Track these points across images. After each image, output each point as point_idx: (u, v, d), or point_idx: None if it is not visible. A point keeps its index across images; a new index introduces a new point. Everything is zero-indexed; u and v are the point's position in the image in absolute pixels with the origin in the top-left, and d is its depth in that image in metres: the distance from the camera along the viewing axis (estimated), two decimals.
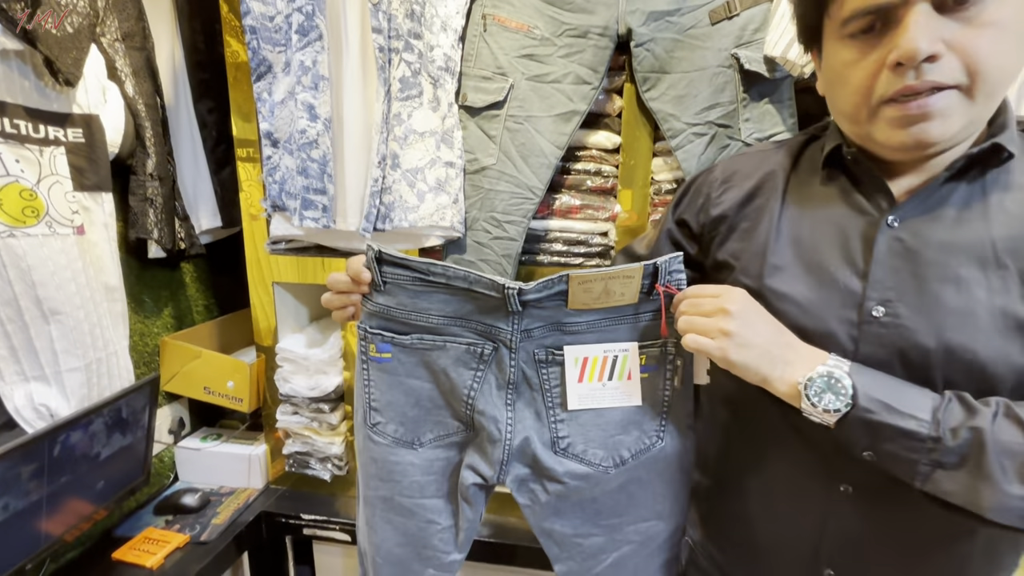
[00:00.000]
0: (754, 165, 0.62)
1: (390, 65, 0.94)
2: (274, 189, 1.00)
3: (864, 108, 0.48)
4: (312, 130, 0.92)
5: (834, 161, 0.56)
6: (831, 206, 0.55)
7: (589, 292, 0.58)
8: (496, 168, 0.94)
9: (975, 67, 0.44)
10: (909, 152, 0.49)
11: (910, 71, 0.44)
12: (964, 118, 0.46)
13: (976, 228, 0.48)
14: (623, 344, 0.62)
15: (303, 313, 1.28)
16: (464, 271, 0.60)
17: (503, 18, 0.90)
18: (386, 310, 0.63)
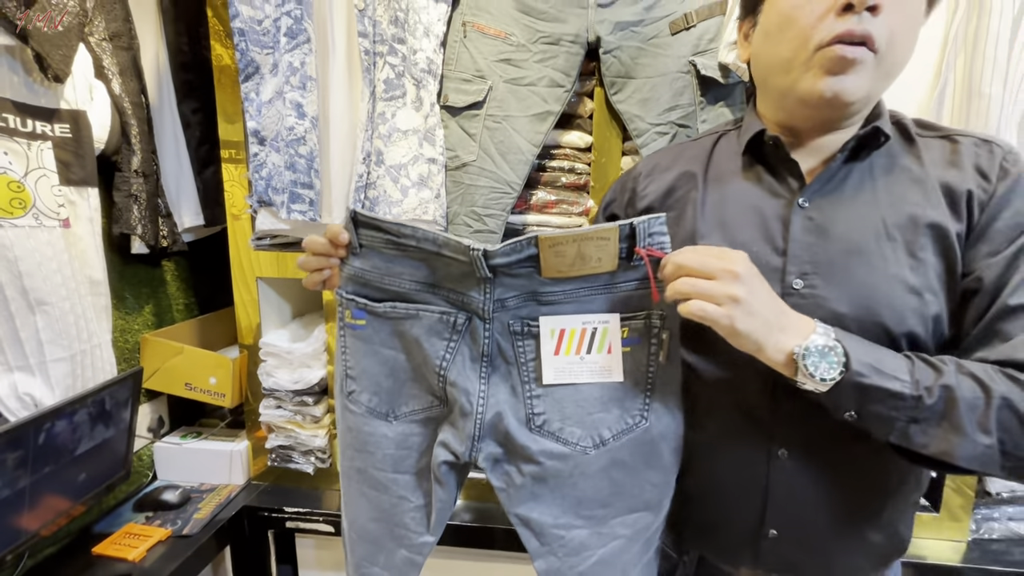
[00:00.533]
0: (672, 158, 0.68)
1: (375, 67, 0.99)
2: (260, 185, 1.03)
3: (803, 52, 0.54)
4: (300, 127, 0.96)
5: (753, 148, 0.62)
6: (750, 191, 0.61)
7: (562, 257, 0.55)
8: (476, 164, 1.00)
9: (893, 37, 0.52)
10: (822, 106, 0.55)
11: (854, 16, 0.50)
12: (870, 83, 0.53)
13: (869, 205, 0.56)
14: (603, 315, 0.58)
15: (286, 309, 1.30)
16: (433, 233, 0.57)
17: (482, 25, 0.97)
18: (361, 273, 0.62)
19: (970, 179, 0.55)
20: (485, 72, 0.97)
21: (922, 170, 0.57)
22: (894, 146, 0.58)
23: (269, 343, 1.18)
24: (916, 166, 0.57)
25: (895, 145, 0.58)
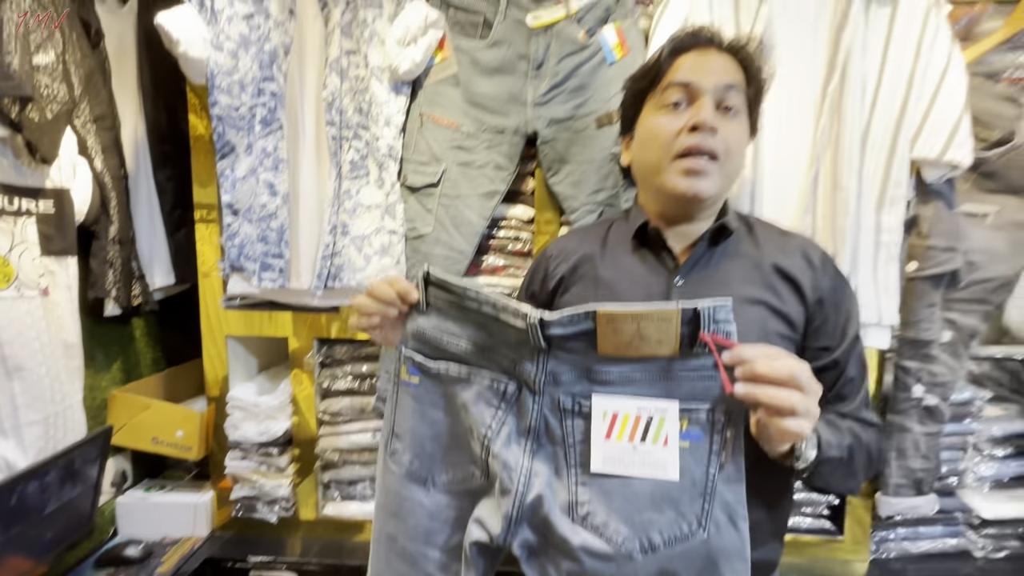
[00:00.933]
0: (577, 242, 0.81)
1: (341, 150, 1.12)
2: (233, 252, 1.13)
3: (665, 159, 0.70)
4: (272, 204, 1.07)
5: (639, 235, 0.75)
6: (638, 269, 0.74)
7: (619, 334, 0.53)
8: (432, 235, 1.13)
9: (729, 150, 0.69)
10: (683, 202, 0.71)
11: (700, 134, 0.68)
12: (716, 184, 0.70)
13: (725, 284, 0.71)
14: (661, 402, 0.54)
15: (252, 363, 1.37)
16: (494, 297, 0.58)
17: (436, 117, 1.12)
18: (423, 331, 0.63)
19: (801, 268, 0.72)
20: (439, 156, 1.11)
21: (758, 255, 0.72)
22: (741, 236, 0.74)
23: (236, 397, 1.24)
24: (754, 252, 0.73)
25: (741, 235, 0.75)
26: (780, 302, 0.70)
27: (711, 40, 0.73)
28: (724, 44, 0.73)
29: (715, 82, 0.69)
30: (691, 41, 0.73)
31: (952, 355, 1.11)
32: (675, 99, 0.71)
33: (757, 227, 0.77)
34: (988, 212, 1.08)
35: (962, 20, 1.07)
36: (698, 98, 0.70)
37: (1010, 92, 1.03)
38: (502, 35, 1.09)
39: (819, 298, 0.71)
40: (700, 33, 0.73)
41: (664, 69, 0.73)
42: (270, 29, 1.07)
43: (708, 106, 0.69)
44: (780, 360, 0.51)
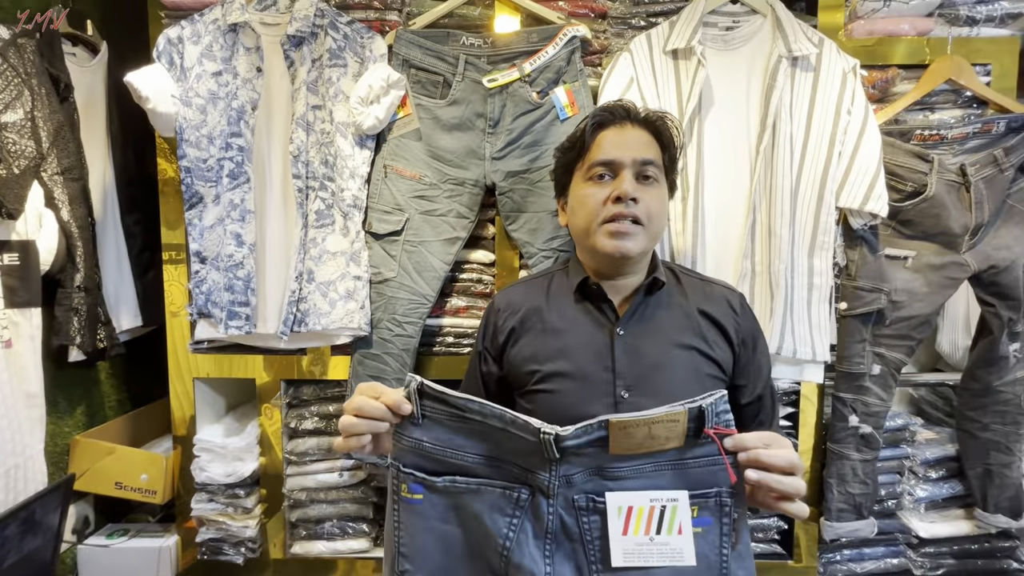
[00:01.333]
0: (521, 295, 0.86)
1: (307, 200, 1.16)
2: (201, 299, 1.16)
3: (594, 223, 0.78)
4: (239, 254, 1.11)
5: (581, 289, 0.82)
6: (582, 322, 0.80)
7: (631, 438, 0.56)
8: (396, 280, 1.17)
9: (651, 215, 0.77)
10: (613, 261, 0.78)
11: (623, 203, 0.76)
12: (641, 244, 0.78)
13: (660, 331, 0.79)
14: (671, 492, 0.57)
15: (220, 403, 1.38)
16: (500, 410, 0.57)
17: (400, 168, 1.17)
18: (420, 446, 0.61)
19: (725, 312, 0.81)
20: (403, 206, 1.17)
21: (687, 304, 0.82)
22: (670, 286, 0.83)
23: (203, 439, 1.25)
24: (683, 301, 0.82)
25: (671, 286, 0.83)
26: (709, 347, 0.79)
27: (627, 115, 0.81)
28: (639, 118, 0.82)
29: (633, 156, 0.78)
30: (609, 117, 0.81)
31: (882, 387, 1.20)
32: (600, 173, 0.80)
33: (682, 277, 0.86)
34: (908, 255, 1.18)
35: (877, 83, 1.18)
36: (619, 172, 0.78)
37: (920, 149, 1.14)
38: (461, 95, 1.16)
39: (742, 339, 0.81)
40: (617, 110, 0.82)
41: (588, 144, 0.81)
42: (238, 87, 1.12)
43: (629, 179, 0.77)
44: (779, 449, 0.56)
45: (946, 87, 1.19)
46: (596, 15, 1.21)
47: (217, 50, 1.13)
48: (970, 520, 1.31)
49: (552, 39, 1.14)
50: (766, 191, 1.13)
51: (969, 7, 1.17)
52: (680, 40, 1.12)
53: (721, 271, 1.16)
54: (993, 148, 1.15)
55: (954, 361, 1.49)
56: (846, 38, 1.19)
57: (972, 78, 1.16)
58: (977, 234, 1.15)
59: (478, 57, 1.16)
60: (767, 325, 1.12)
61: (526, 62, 1.14)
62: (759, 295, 1.15)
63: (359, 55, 1.17)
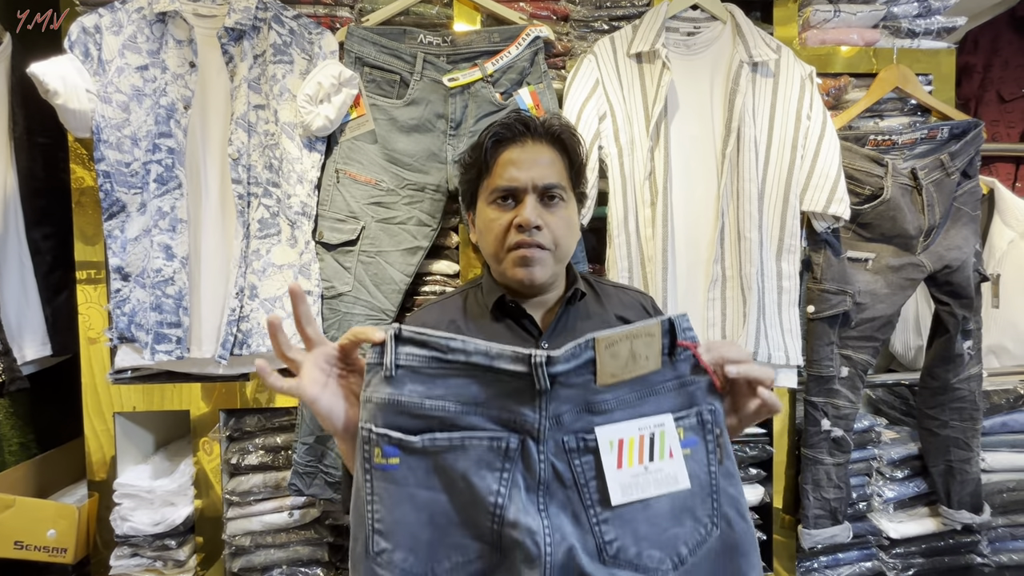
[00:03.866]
0: (436, 316, 0.80)
1: (249, 208, 1.05)
2: (123, 321, 1.01)
3: (500, 250, 0.74)
4: (168, 268, 0.98)
5: (499, 306, 0.77)
6: (504, 337, 0.75)
7: (616, 358, 0.54)
8: (351, 294, 1.07)
9: (557, 240, 0.73)
10: (524, 286, 0.74)
11: (526, 232, 0.71)
12: (550, 270, 0.74)
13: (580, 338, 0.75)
14: (656, 418, 0.56)
15: (147, 440, 1.22)
16: (485, 345, 0.53)
17: (353, 173, 1.08)
18: (394, 400, 0.54)
19: (640, 315, 0.80)
20: (358, 213, 1.08)
21: (605, 312, 0.79)
22: (589, 297, 0.81)
23: (126, 483, 1.09)
24: (601, 310, 0.80)
25: (589, 296, 0.81)
26: None
27: (527, 130, 0.76)
28: (540, 131, 0.77)
29: (535, 179, 0.73)
30: (507, 134, 0.75)
31: (851, 389, 1.21)
32: (502, 196, 0.74)
33: (597, 286, 0.83)
34: (868, 257, 1.20)
35: (831, 90, 1.21)
36: (523, 197, 0.73)
37: (876, 153, 1.17)
38: (419, 94, 1.09)
39: None
40: (514, 125, 0.76)
41: (490, 162, 0.75)
42: (167, 83, 1.00)
43: (531, 206, 0.72)
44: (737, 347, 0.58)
45: (893, 95, 1.24)
46: (558, 17, 1.18)
47: (142, 42, 1.01)
48: (935, 517, 1.33)
49: (515, 39, 1.10)
50: (733, 195, 1.13)
51: (909, 20, 1.23)
52: (644, 44, 1.11)
53: (692, 276, 1.14)
54: (939, 153, 1.19)
55: (907, 361, 1.54)
56: (800, 46, 1.22)
57: (917, 87, 1.21)
58: (930, 235, 1.19)
59: (437, 56, 1.10)
60: (741, 330, 1.10)
61: (488, 62, 1.09)
62: (731, 300, 1.13)
63: (307, 52, 1.08)
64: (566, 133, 0.78)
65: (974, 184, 1.22)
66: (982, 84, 1.56)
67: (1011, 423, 1.36)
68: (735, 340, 1.11)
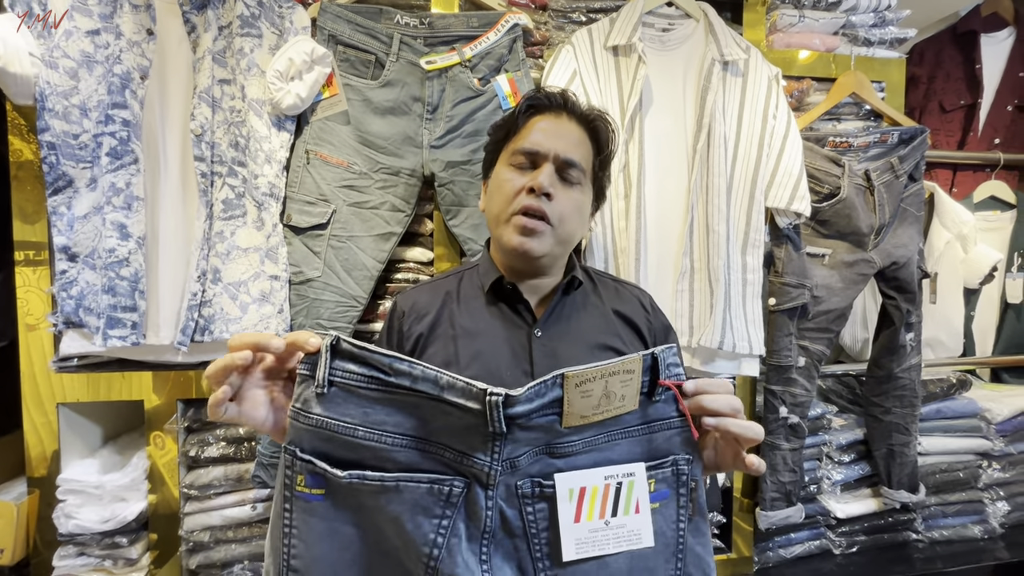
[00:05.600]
0: (428, 297, 0.78)
1: (213, 187, 1.00)
2: (69, 305, 0.94)
3: (505, 211, 0.72)
4: (123, 249, 0.92)
5: (495, 289, 0.75)
6: (496, 325, 0.74)
7: (588, 397, 0.48)
8: (321, 280, 1.04)
9: (563, 217, 0.72)
10: (517, 256, 0.72)
11: (535, 197, 0.70)
12: (549, 246, 0.72)
13: (577, 332, 0.75)
14: (627, 466, 0.50)
15: (95, 433, 1.15)
16: (434, 372, 0.47)
17: (325, 155, 1.05)
18: (326, 423, 0.47)
19: (638, 311, 0.79)
20: (328, 196, 1.04)
21: (602, 305, 0.79)
22: (587, 288, 0.80)
23: (71, 479, 1.02)
24: (599, 302, 0.79)
25: (587, 287, 0.80)
26: (626, 347, 0.76)
27: (564, 105, 0.75)
28: (577, 111, 0.76)
29: (559, 151, 0.72)
30: (546, 103, 0.75)
31: (807, 378, 1.27)
32: (521, 161, 0.73)
33: (596, 278, 0.83)
34: (825, 253, 1.26)
35: (794, 92, 1.26)
36: (541, 164, 0.72)
37: (834, 154, 1.24)
38: (395, 76, 1.06)
39: (655, 337, 0.80)
40: (555, 97, 0.75)
41: (519, 125, 0.75)
42: (121, 50, 0.93)
43: (547, 172, 0.71)
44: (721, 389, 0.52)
45: (850, 100, 1.30)
46: (536, 6, 1.18)
47: (93, 4, 0.94)
48: (877, 498, 1.42)
49: (494, 25, 1.09)
50: (703, 190, 1.16)
51: (866, 30, 1.30)
52: (621, 37, 1.12)
53: (662, 267, 1.17)
54: (889, 156, 1.27)
55: (854, 353, 1.64)
56: (768, 49, 1.27)
57: (871, 93, 1.28)
58: (880, 233, 1.26)
59: (414, 38, 1.08)
60: (708, 321, 1.14)
61: (467, 47, 1.08)
62: (699, 291, 1.16)
63: (276, 26, 1.03)
64: (601, 122, 0.77)
65: (919, 187, 1.31)
66: (926, 94, 1.67)
67: (944, 410, 1.47)
68: (701, 328, 1.15)
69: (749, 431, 0.50)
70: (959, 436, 1.48)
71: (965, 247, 1.61)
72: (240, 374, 0.49)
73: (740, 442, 0.51)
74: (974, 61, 1.63)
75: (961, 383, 1.48)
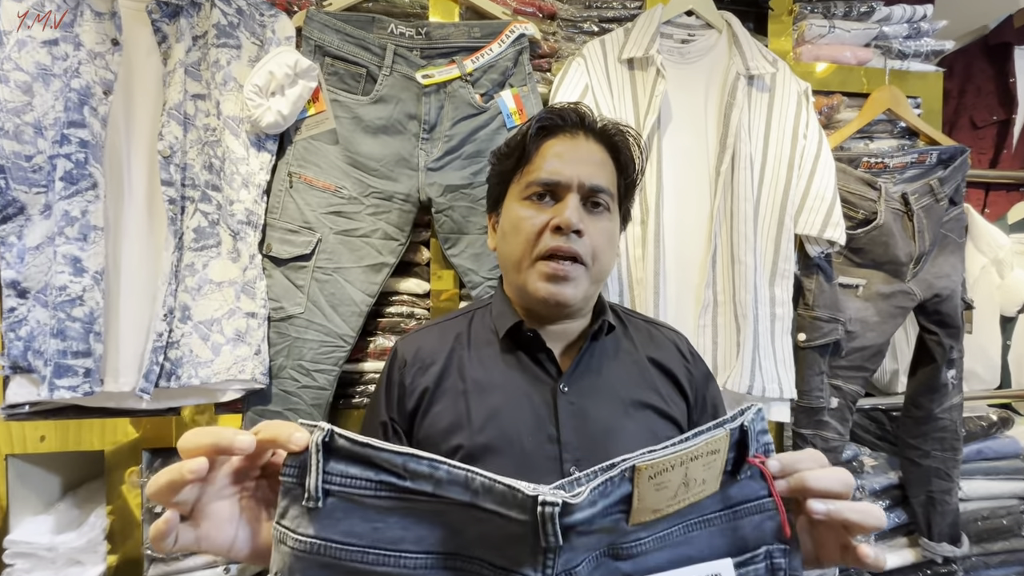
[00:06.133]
0: (434, 343, 0.67)
1: (183, 215, 0.89)
2: (17, 347, 0.83)
3: (527, 257, 0.62)
4: (76, 286, 0.81)
5: (513, 335, 0.64)
6: (515, 378, 0.63)
7: (663, 489, 0.39)
8: (304, 317, 0.93)
9: (597, 253, 0.62)
10: (547, 306, 0.62)
11: (563, 236, 0.60)
12: (583, 290, 0.62)
13: (609, 387, 0.64)
14: (710, 566, 0.41)
15: (51, 486, 1.03)
16: (464, 471, 0.37)
17: (310, 178, 0.94)
18: (322, 550, 0.36)
19: (675, 358, 0.69)
20: (313, 224, 0.94)
21: (636, 352, 0.68)
22: (617, 332, 0.69)
23: (20, 540, 0.91)
24: (632, 348, 0.69)
25: (618, 330, 0.70)
26: (665, 403, 0.65)
27: (581, 123, 0.65)
28: (596, 128, 0.66)
29: (583, 177, 0.62)
30: (559, 123, 0.65)
31: (840, 420, 1.16)
32: (539, 192, 0.63)
33: (626, 318, 0.73)
34: (859, 284, 1.15)
35: (823, 109, 1.16)
36: (564, 195, 0.62)
37: (868, 176, 1.13)
38: (388, 91, 0.96)
39: (696, 389, 0.69)
40: (568, 114, 0.65)
41: (531, 151, 0.65)
42: (81, 62, 0.83)
43: (573, 206, 0.61)
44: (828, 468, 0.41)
45: (883, 117, 1.20)
46: (544, 15, 1.09)
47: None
48: (914, 548, 1.30)
49: (497, 36, 0.99)
50: (727, 215, 1.05)
51: (900, 41, 1.20)
52: (637, 49, 1.02)
53: (682, 300, 1.06)
54: (928, 178, 1.17)
55: (882, 384, 1.52)
56: (794, 61, 1.17)
57: (907, 110, 1.18)
58: (919, 262, 1.16)
59: (410, 49, 0.98)
60: (735, 361, 1.03)
61: (467, 59, 0.98)
62: (723, 327, 1.05)
63: (257, 36, 0.94)
64: (623, 137, 0.66)
65: (960, 211, 1.21)
66: (956, 110, 1.57)
67: (985, 451, 1.35)
68: (727, 370, 1.04)
69: (871, 518, 0.39)
70: (1002, 479, 1.36)
71: (1001, 272, 1.50)
72: (195, 484, 0.37)
73: (850, 530, 0.40)
74: (1007, 75, 1.53)
75: (1003, 421, 1.36)
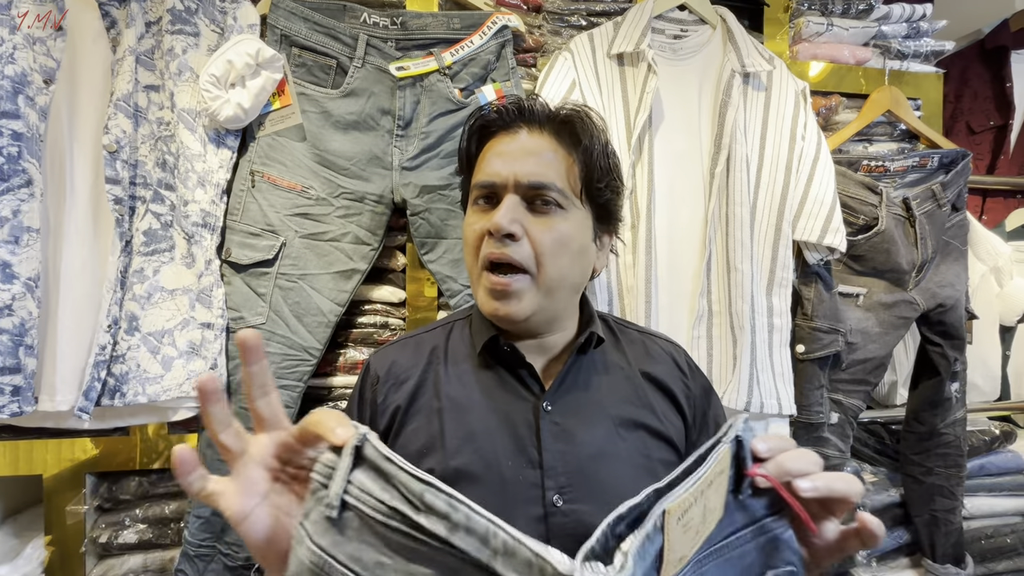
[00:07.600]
0: (409, 358, 0.61)
1: (133, 215, 0.82)
2: None
3: (475, 268, 0.56)
4: (5, 294, 0.73)
5: (490, 349, 0.59)
6: (495, 393, 0.58)
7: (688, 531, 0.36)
8: (266, 328, 0.86)
9: (540, 257, 0.54)
10: (501, 322, 0.57)
11: (495, 241, 0.54)
12: (534, 303, 0.55)
13: (598, 405, 0.58)
14: None
15: None
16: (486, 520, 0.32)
17: (274, 177, 0.87)
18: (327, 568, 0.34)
19: (672, 373, 0.62)
20: (277, 227, 0.87)
21: (628, 366, 0.62)
22: (608, 343, 0.63)
23: None
24: (623, 362, 0.62)
25: (608, 342, 0.63)
26: (659, 422, 0.59)
27: (520, 116, 0.58)
28: (541, 118, 0.58)
29: (519, 175, 0.55)
30: (497, 121, 0.58)
31: (840, 437, 1.10)
32: (482, 195, 0.57)
33: (618, 329, 0.66)
34: (859, 293, 1.10)
35: (821, 110, 1.11)
36: (502, 196, 0.56)
37: (869, 180, 1.08)
38: (360, 84, 0.90)
39: (694, 406, 0.62)
40: (507, 110, 0.58)
41: (473, 155, 0.60)
42: (16, 47, 0.75)
43: (507, 207, 0.54)
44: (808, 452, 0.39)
45: (883, 119, 1.16)
46: (529, 7, 1.03)
47: None
48: (916, 569, 1.24)
49: (479, 28, 0.93)
50: (722, 220, 1.00)
51: (899, 41, 1.16)
52: (627, 43, 0.96)
53: (675, 310, 1.00)
54: (929, 183, 1.12)
55: (880, 396, 1.47)
56: (791, 60, 1.12)
57: (908, 112, 1.13)
58: (922, 271, 1.11)
59: (384, 40, 0.91)
60: (731, 375, 0.96)
61: (446, 51, 0.92)
62: (718, 338, 0.99)
63: (218, 23, 0.87)
64: (579, 121, 0.58)
65: (962, 217, 1.16)
66: (952, 115, 1.54)
67: (988, 466, 1.30)
68: (723, 384, 0.97)
69: (854, 484, 0.37)
70: (1005, 496, 1.31)
71: (1000, 281, 1.46)
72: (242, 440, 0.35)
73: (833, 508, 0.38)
74: (1004, 79, 1.50)
75: (1006, 435, 1.31)
